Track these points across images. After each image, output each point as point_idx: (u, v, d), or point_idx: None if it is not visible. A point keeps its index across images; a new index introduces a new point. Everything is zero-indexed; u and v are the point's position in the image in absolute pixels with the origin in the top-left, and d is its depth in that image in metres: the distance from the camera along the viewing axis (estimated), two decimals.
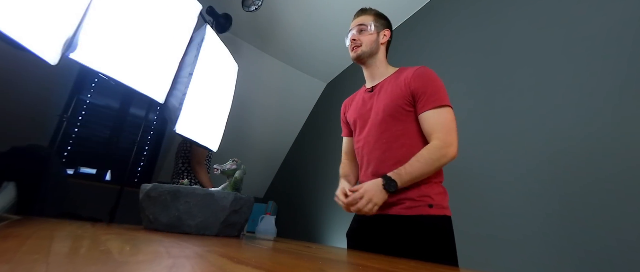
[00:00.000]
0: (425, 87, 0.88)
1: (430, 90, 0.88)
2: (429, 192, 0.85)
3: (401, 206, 0.85)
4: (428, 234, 0.81)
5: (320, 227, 2.53)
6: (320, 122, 3.30)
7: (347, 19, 2.48)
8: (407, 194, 0.85)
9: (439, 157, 0.83)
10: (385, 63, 1.04)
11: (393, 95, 0.93)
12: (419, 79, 0.90)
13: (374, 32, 1.00)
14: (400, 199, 0.85)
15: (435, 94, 0.87)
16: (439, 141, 0.84)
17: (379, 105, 0.95)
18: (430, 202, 0.84)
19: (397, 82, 0.94)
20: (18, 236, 0.43)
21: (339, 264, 0.45)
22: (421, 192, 0.85)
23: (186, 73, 1.62)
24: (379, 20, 1.04)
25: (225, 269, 0.29)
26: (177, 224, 0.73)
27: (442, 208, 0.85)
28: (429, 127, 0.87)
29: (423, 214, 0.83)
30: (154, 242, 0.50)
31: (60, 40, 0.96)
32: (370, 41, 1.00)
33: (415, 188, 0.85)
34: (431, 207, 0.83)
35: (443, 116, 0.86)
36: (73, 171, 2.56)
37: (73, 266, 0.26)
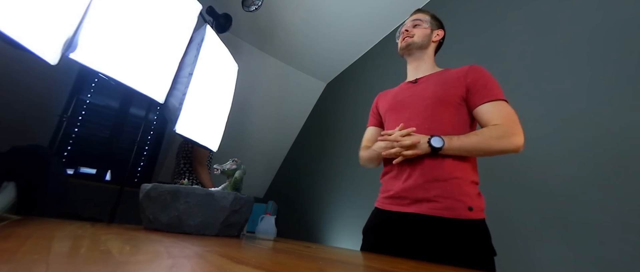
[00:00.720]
0: (484, 81, 0.84)
1: (488, 85, 0.83)
2: (468, 192, 0.79)
3: (436, 206, 0.78)
4: (467, 239, 0.74)
5: (320, 227, 2.53)
6: (320, 122, 3.30)
7: (348, 19, 2.49)
8: (444, 191, 0.78)
9: (499, 136, 0.75)
10: (433, 60, 1.01)
11: (445, 84, 0.88)
12: (475, 72, 0.86)
13: (428, 27, 0.99)
14: (435, 196, 0.78)
15: (492, 90, 0.83)
16: (502, 125, 0.77)
17: (427, 92, 0.89)
18: (471, 205, 0.77)
19: (446, 77, 0.90)
20: (18, 236, 0.43)
21: (339, 264, 0.45)
22: (461, 191, 0.78)
23: (186, 73, 1.62)
24: (434, 21, 1.02)
25: (225, 269, 0.29)
26: (177, 224, 0.73)
27: (481, 211, 0.79)
28: (488, 117, 0.80)
29: (463, 217, 0.76)
30: (154, 242, 0.50)
31: (60, 40, 0.96)
32: (423, 34, 0.97)
33: (453, 186, 0.78)
34: (471, 210, 0.76)
35: (506, 109, 0.81)
36: (73, 171, 2.56)
37: (73, 266, 0.26)
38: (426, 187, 0.80)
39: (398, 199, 0.85)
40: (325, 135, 3.02)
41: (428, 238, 0.77)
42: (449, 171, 0.80)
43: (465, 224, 0.76)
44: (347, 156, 2.43)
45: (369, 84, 2.57)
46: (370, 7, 2.34)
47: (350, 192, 2.29)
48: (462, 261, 0.71)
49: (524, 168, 1.23)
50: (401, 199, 0.84)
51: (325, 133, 3.04)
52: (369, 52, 2.78)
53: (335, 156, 2.66)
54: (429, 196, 0.79)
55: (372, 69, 2.63)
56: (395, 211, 0.85)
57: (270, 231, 2.40)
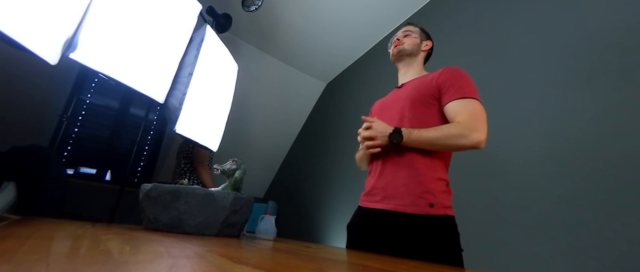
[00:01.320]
0: (453, 80, 0.88)
1: (458, 84, 0.87)
2: (432, 189, 0.82)
3: (401, 202, 0.83)
4: (429, 234, 0.78)
5: (320, 227, 2.53)
6: (320, 122, 3.30)
7: (348, 19, 2.49)
8: (408, 188, 0.83)
9: (458, 134, 0.79)
10: (422, 67, 1.08)
11: (419, 86, 0.93)
12: (447, 73, 0.91)
13: (418, 37, 1.06)
14: (401, 193, 0.84)
15: (462, 87, 0.86)
16: (463, 121, 0.81)
17: (403, 95, 0.96)
18: (432, 201, 0.81)
19: (423, 79, 0.96)
20: (18, 236, 0.43)
21: (339, 264, 0.45)
22: (424, 188, 0.82)
23: (186, 73, 1.62)
24: (423, 33, 1.10)
25: (225, 269, 0.29)
26: (177, 224, 0.73)
27: (444, 207, 0.82)
28: (454, 113, 0.84)
29: (423, 213, 0.80)
30: (154, 242, 0.50)
31: (60, 40, 0.96)
32: (413, 43, 1.05)
33: (417, 183, 0.83)
34: (432, 206, 0.80)
35: (471, 105, 0.83)
36: (73, 171, 2.56)
37: (73, 266, 0.26)
38: (394, 184, 0.86)
39: (371, 196, 0.92)
40: (325, 135, 3.02)
41: (395, 233, 0.82)
42: (417, 168, 0.84)
43: (427, 220, 0.79)
44: (347, 156, 2.43)
45: (369, 84, 2.57)
46: (370, 7, 2.34)
47: (350, 192, 2.29)
48: (427, 256, 0.74)
49: (523, 169, 1.23)
50: (373, 196, 0.91)
51: (325, 133, 3.04)
52: (369, 52, 2.78)
53: (335, 155, 2.66)
54: (395, 193, 0.85)
55: (372, 69, 2.63)
56: (368, 207, 0.92)
57: (270, 231, 2.40)
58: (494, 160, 1.35)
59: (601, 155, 1.02)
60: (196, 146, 2.01)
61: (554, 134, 1.17)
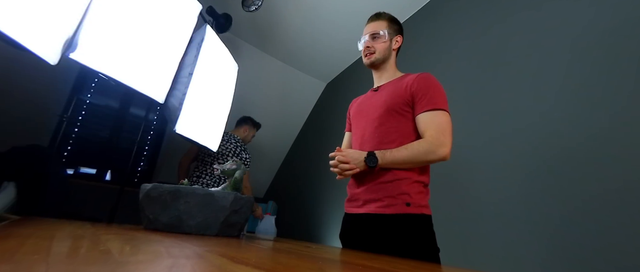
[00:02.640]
0: (425, 91, 0.91)
1: (429, 94, 0.91)
2: (408, 190, 0.87)
3: (380, 204, 0.88)
4: (405, 232, 0.83)
5: (320, 227, 2.53)
6: (320, 122, 3.30)
7: (347, 19, 2.49)
8: (386, 191, 0.88)
9: (426, 151, 0.85)
10: (394, 67, 1.09)
11: (394, 94, 0.96)
12: (420, 82, 0.93)
13: (387, 39, 1.04)
14: (380, 197, 0.88)
15: (433, 98, 0.90)
16: (430, 137, 0.86)
17: (379, 102, 0.99)
18: (408, 201, 0.85)
19: (399, 84, 0.98)
20: (18, 236, 0.43)
21: (339, 264, 0.45)
22: (400, 190, 0.86)
23: (186, 73, 1.62)
24: (392, 26, 1.07)
25: (225, 269, 0.29)
26: (177, 224, 0.73)
27: (420, 206, 0.86)
28: (424, 126, 0.89)
29: (400, 212, 0.85)
30: (154, 242, 0.50)
31: (60, 40, 0.96)
32: (383, 48, 1.03)
33: (394, 186, 0.87)
34: (409, 205, 0.85)
35: (438, 118, 0.89)
36: (73, 171, 2.56)
37: (73, 266, 0.26)
38: (374, 188, 0.90)
39: (354, 201, 0.97)
40: (325, 135, 3.02)
41: (376, 234, 0.86)
42: (393, 173, 0.89)
43: (403, 218, 0.84)
44: None
45: (368, 84, 2.56)
46: (370, 7, 2.33)
47: None
48: (405, 253, 0.78)
49: (522, 168, 1.23)
50: (356, 201, 0.96)
51: (325, 133, 3.04)
52: None
53: None
54: (375, 197, 0.89)
55: None
56: (352, 212, 0.97)
57: (270, 231, 2.40)
58: (487, 161, 1.35)
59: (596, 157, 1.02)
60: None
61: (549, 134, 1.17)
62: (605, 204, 0.96)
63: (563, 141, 1.14)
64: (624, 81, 1.02)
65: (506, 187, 1.27)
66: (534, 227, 1.13)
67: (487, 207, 1.31)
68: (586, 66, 1.14)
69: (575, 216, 1.03)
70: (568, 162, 1.10)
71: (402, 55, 1.16)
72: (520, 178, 1.23)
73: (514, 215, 1.20)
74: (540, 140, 1.21)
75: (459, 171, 1.47)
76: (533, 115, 1.27)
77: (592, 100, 1.09)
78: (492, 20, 1.63)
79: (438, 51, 1.93)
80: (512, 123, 1.34)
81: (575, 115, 1.13)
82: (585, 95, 1.12)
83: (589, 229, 0.98)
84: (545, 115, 1.22)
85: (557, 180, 1.11)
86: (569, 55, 1.21)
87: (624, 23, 1.07)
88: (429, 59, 1.96)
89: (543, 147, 1.19)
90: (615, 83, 1.04)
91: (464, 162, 1.46)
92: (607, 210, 0.95)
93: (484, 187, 1.36)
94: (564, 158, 1.12)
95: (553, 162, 1.15)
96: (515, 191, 1.23)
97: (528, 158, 1.23)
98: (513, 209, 1.21)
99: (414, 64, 1.96)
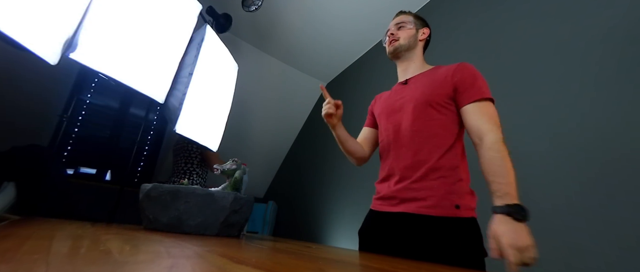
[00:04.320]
0: (471, 80, 0.83)
1: (477, 84, 0.82)
2: (457, 190, 0.78)
3: (423, 204, 0.78)
4: (455, 238, 0.73)
5: (320, 227, 2.53)
6: (320, 122, 3.29)
7: (347, 19, 2.49)
8: (432, 191, 0.78)
9: (506, 153, 0.72)
10: (422, 59, 1.01)
11: (433, 85, 0.87)
12: (463, 70, 0.85)
13: (413, 28, 0.98)
14: (422, 196, 0.79)
15: (481, 88, 0.82)
16: (494, 134, 0.75)
17: (415, 94, 0.89)
18: (458, 203, 0.76)
19: (435, 76, 0.89)
20: (18, 236, 0.43)
21: (339, 264, 0.45)
22: (448, 190, 0.78)
23: (186, 73, 1.62)
24: (418, 20, 1.02)
25: (225, 269, 0.29)
26: (177, 224, 0.73)
27: (470, 209, 0.77)
28: (476, 119, 0.79)
29: (449, 215, 0.75)
30: (154, 242, 0.50)
31: (60, 40, 0.96)
32: (409, 36, 0.97)
33: (441, 184, 0.78)
34: (458, 208, 0.76)
35: (489, 110, 0.79)
36: (73, 171, 2.56)
37: (73, 266, 0.26)
38: (414, 187, 0.81)
39: (388, 200, 0.87)
40: (325, 135, 3.02)
41: (416, 236, 0.77)
42: (439, 171, 0.80)
43: (452, 222, 0.75)
44: None
45: (368, 84, 2.57)
46: (370, 7, 2.34)
47: (350, 192, 2.29)
48: (450, 259, 0.70)
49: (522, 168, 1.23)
50: (391, 200, 0.86)
51: (325, 133, 3.03)
52: (368, 52, 2.78)
53: (335, 156, 2.66)
54: (416, 196, 0.80)
55: (372, 69, 2.63)
56: (385, 211, 0.86)
57: None
58: None
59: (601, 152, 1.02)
60: (204, 150, 2.03)
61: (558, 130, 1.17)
62: None
63: (567, 137, 1.14)
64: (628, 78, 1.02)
65: None
66: None
67: None
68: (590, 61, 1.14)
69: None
70: (571, 158, 1.10)
71: None
72: None
73: None
74: (543, 136, 1.21)
75: None
76: (534, 112, 1.27)
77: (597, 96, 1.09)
78: (495, 17, 1.63)
79: (440, 49, 1.93)
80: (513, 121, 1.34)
81: (579, 112, 1.13)
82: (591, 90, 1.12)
83: None
84: (544, 113, 1.23)
85: (559, 176, 1.11)
86: (570, 49, 1.21)
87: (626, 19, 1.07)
88: None
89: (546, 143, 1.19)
90: (621, 80, 1.04)
91: None
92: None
93: None
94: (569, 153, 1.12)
95: (558, 159, 1.15)
96: None
97: (532, 156, 1.23)
98: None
99: None
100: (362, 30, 2.58)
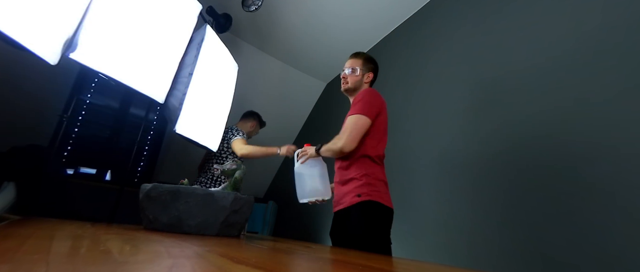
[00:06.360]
0: (355, 101, 1.18)
1: (354, 104, 1.17)
2: (360, 184, 1.10)
3: (343, 201, 1.14)
4: (356, 217, 1.06)
5: (321, 227, 2.53)
6: (320, 122, 3.30)
7: (347, 19, 2.49)
8: (347, 191, 1.13)
9: (332, 143, 1.15)
10: None
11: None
12: (357, 96, 1.21)
13: (359, 74, 1.30)
14: (343, 195, 1.15)
15: (355, 107, 1.15)
16: (338, 135, 1.16)
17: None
18: (359, 192, 1.08)
19: None
20: (18, 236, 0.43)
21: (339, 264, 0.45)
22: (353, 186, 1.11)
23: (186, 73, 1.62)
24: (367, 65, 1.32)
25: (225, 269, 0.29)
26: (177, 224, 0.73)
27: (368, 195, 1.07)
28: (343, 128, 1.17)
29: (353, 203, 1.08)
30: (154, 242, 0.50)
31: (60, 40, 0.96)
32: (355, 80, 1.29)
33: (351, 186, 1.12)
34: (359, 196, 1.08)
35: (349, 121, 1.14)
36: (73, 171, 2.55)
37: (73, 266, 0.26)
38: (339, 191, 1.19)
39: (334, 203, 1.25)
40: (325, 135, 3.01)
41: (345, 227, 1.12)
42: (348, 174, 1.16)
43: (354, 207, 1.08)
44: None
45: None
46: (370, 7, 2.34)
47: None
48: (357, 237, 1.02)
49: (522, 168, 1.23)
50: (335, 203, 1.24)
51: (325, 133, 3.03)
52: (368, 52, 2.78)
53: None
54: (339, 198, 1.18)
55: None
56: (334, 211, 1.24)
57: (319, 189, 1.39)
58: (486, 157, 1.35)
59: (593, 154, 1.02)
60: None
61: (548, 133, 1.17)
62: None
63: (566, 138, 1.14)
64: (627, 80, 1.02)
65: (508, 188, 1.27)
66: None
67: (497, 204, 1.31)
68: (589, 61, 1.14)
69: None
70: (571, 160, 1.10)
71: (400, 59, 1.17)
72: (520, 175, 1.23)
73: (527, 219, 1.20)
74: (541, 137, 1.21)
75: (460, 168, 1.47)
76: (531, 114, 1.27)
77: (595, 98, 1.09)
78: (488, 23, 1.63)
79: (432, 55, 1.93)
80: (508, 122, 1.34)
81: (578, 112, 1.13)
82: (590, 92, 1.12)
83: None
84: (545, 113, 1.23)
85: (561, 175, 1.12)
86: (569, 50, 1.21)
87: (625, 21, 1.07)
88: (428, 60, 1.96)
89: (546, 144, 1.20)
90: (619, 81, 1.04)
91: (464, 156, 1.46)
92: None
93: (483, 184, 1.35)
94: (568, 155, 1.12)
95: (560, 160, 1.15)
96: (517, 188, 1.23)
97: (532, 156, 1.23)
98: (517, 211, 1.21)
99: (408, 66, 1.95)
100: (362, 30, 2.58)
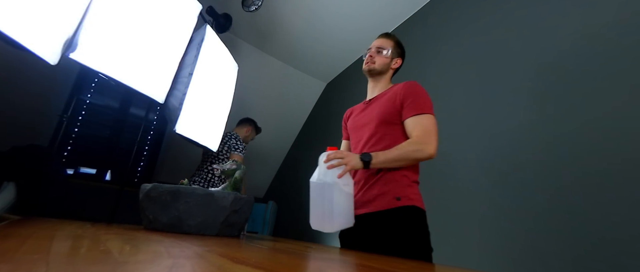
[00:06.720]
0: (412, 97, 0.98)
1: (415, 100, 0.97)
2: (397, 184, 0.93)
3: (373, 204, 0.93)
4: (396, 224, 0.88)
5: None
6: (320, 122, 3.30)
7: (348, 19, 2.49)
8: (380, 191, 0.93)
9: (414, 150, 0.90)
10: (389, 82, 1.15)
11: (385, 106, 1.02)
12: (406, 89, 1.00)
13: (389, 56, 1.12)
14: (375, 197, 0.94)
15: (419, 104, 0.96)
16: (416, 137, 0.92)
17: (373, 114, 1.04)
18: (398, 195, 0.91)
19: (389, 95, 1.04)
20: (18, 236, 0.43)
21: (339, 264, 0.45)
22: (389, 188, 0.92)
23: (186, 73, 1.62)
24: (397, 49, 1.15)
25: (225, 269, 0.29)
26: (177, 224, 0.73)
27: (409, 199, 0.90)
28: (410, 129, 0.95)
29: (391, 207, 0.90)
30: (154, 242, 0.50)
31: (60, 40, 0.96)
32: (384, 62, 1.11)
33: (385, 186, 0.93)
34: (399, 199, 0.90)
35: (423, 121, 0.95)
36: (73, 171, 2.56)
37: (73, 266, 0.26)
38: (367, 193, 0.97)
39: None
40: (325, 135, 3.02)
41: (373, 233, 0.91)
42: (383, 174, 0.95)
43: (393, 212, 0.89)
44: None
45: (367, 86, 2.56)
46: (370, 7, 2.34)
47: None
48: (396, 246, 0.83)
49: (523, 168, 1.23)
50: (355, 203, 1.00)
51: (325, 133, 3.03)
52: None
53: None
54: (369, 198, 0.95)
55: None
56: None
57: None
58: (487, 159, 1.35)
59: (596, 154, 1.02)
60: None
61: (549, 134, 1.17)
62: None
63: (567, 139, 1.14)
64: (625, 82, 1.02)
65: (506, 188, 1.27)
66: None
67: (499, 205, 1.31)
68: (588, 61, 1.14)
69: None
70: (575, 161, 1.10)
71: None
72: (521, 175, 1.23)
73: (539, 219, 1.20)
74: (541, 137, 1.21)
75: (461, 169, 1.47)
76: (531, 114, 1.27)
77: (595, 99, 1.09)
78: (489, 22, 1.63)
79: (434, 54, 1.93)
80: (510, 122, 1.34)
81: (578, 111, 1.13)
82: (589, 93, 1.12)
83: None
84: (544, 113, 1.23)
85: (561, 174, 1.11)
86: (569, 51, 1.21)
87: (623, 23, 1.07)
88: (428, 60, 1.96)
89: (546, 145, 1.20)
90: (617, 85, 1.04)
91: (462, 159, 1.46)
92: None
93: (484, 184, 1.36)
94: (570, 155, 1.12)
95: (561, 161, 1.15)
96: (516, 188, 1.23)
97: (533, 156, 1.23)
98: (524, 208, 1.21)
99: (410, 66, 1.96)
100: (362, 30, 2.58)
